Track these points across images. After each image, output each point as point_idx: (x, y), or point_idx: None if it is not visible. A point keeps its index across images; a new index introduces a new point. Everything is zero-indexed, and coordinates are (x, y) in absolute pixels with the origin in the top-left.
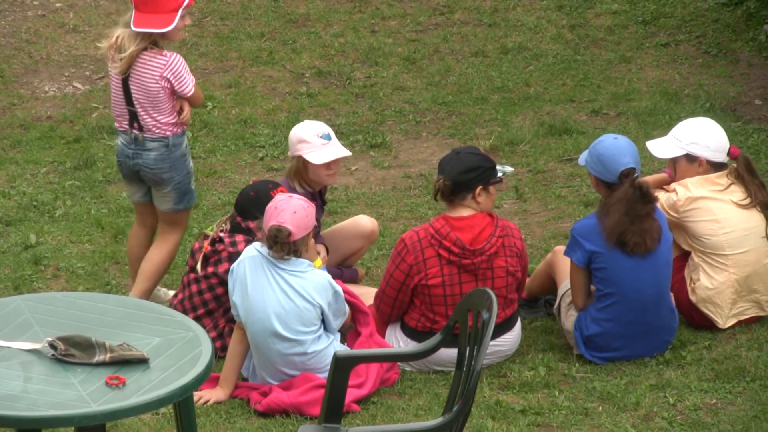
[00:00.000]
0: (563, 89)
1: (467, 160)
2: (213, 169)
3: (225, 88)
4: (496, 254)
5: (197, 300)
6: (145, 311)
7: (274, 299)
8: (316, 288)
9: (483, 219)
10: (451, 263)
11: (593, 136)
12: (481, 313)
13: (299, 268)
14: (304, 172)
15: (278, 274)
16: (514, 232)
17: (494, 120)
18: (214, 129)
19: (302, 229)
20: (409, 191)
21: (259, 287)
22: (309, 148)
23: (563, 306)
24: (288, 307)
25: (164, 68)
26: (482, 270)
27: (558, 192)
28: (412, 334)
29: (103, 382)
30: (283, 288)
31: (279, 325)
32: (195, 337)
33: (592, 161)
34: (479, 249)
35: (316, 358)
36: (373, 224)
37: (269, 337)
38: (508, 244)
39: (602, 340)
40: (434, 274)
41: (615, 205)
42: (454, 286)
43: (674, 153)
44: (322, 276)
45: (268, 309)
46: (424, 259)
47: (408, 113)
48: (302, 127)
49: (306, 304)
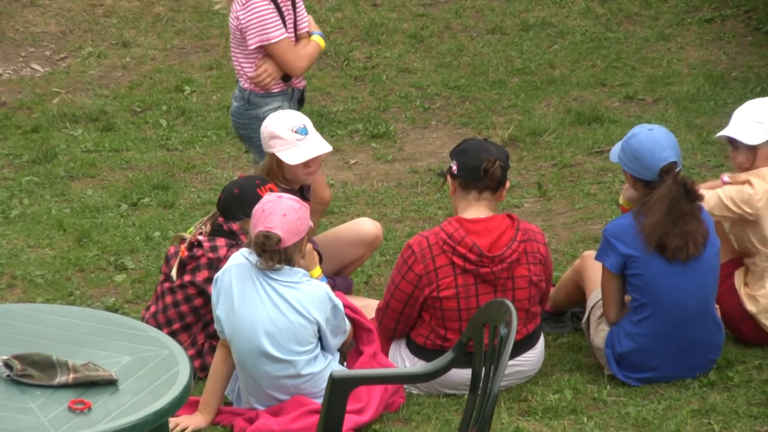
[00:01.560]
0: (593, 71)
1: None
2: (191, 162)
3: (205, 69)
4: (518, 261)
5: (172, 313)
6: (114, 326)
7: (264, 314)
8: (313, 301)
9: (502, 221)
10: (467, 272)
11: (627, 125)
12: (499, 328)
13: (293, 279)
14: (278, 170)
15: (269, 285)
16: (537, 236)
17: (513, 107)
18: (192, 117)
19: (294, 234)
20: (415, 188)
21: (247, 300)
22: (282, 145)
23: (593, 319)
24: (280, 323)
25: (242, 7)
26: (502, 280)
27: (587, 189)
28: (420, 352)
29: (66, 406)
30: (274, 301)
31: (269, 345)
32: (171, 355)
33: (626, 157)
34: (499, 255)
35: (311, 381)
36: (376, 229)
37: (258, 357)
38: (530, 249)
39: (637, 358)
40: (447, 285)
41: (656, 203)
42: (470, 298)
43: (762, 138)
44: (319, 287)
45: (258, 325)
46: (436, 268)
47: (415, 99)
48: (274, 120)
49: (301, 320)
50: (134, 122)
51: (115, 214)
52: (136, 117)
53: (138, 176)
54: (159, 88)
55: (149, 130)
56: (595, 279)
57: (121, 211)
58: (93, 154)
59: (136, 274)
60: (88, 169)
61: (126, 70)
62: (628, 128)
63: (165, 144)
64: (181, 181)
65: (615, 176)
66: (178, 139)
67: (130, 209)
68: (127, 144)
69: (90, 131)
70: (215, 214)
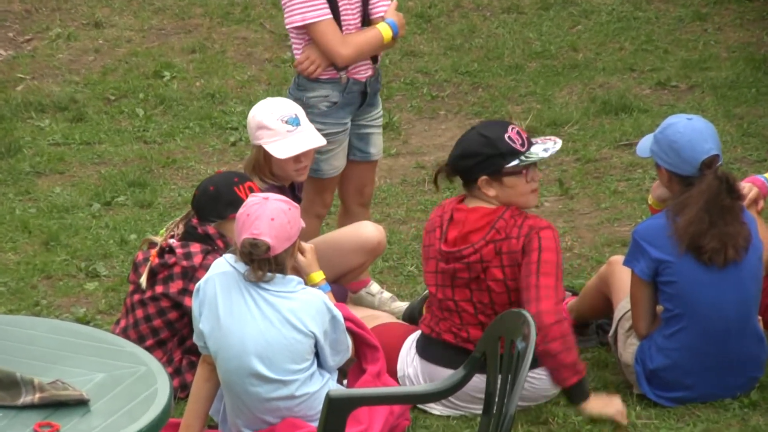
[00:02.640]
0: (620, 55)
1: (470, 141)
2: (171, 157)
3: (187, 53)
4: (485, 261)
5: (144, 328)
6: (85, 339)
7: (254, 329)
8: (309, 311)
9: (486, 215)
10: (439, 264)
11: (659, 114)
12: (516, 342)
13: (286, 288)
14: (265, 165)
15: (259, 295)
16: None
17: (532, 94)
18: (173, 106)
19: (284, 239)
20: (422, 185)
21: (235, 314)
22: (271, 136)
23: (621, 332)
24: (273, 339)
25: None
26: (473, 282)
27: (613, 186)
28: (425, 345)
29: (31, 429)
30: (266, 314)
31: (261, 364)
32: (149, 373)
33: (662, 150)
34: (456, 252)
35: (306, 402)
36: (379, 234)
37: (247, 377)
38: (506, 250)
39: (671, 375)
40: (429, 270)
41: (693, 199)
42: (446, 294)
43: None
44: (315, 296)
45: (248, 342)
46: (428, 245)
47: (421, 86)
48: (262, 108)
49: (296, 335)
50: (108, 112)
51: (86, 215)
52: (110, 106)
53: (112, 172)
54: (135, 74)
55: (124, 121)
56: (623, 287)
57: (92, 211)
58: (61, 148)
59: (110, 281)
60: (56, 164)
61: (98, 54)
62: (660, 118)
63: (142, 136)
64: (160, 178)
65: (645, 172)
66: (156, 131)
67: (102, 209)
68: (100, 136)
69: (58, 122)
70: (189, 214)
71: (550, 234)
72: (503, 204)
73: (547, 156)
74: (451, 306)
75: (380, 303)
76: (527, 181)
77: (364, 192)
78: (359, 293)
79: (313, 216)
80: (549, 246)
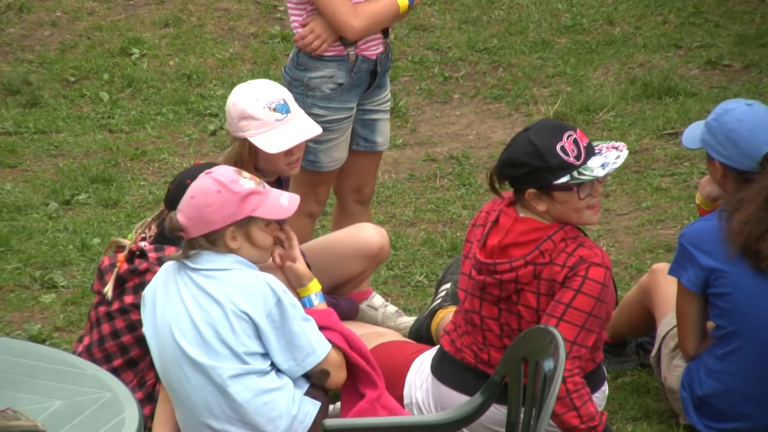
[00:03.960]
0: (663, 29)
1: (517, 147)
2: (141, 148)
3: (159, 27)
4: (521, 283)
5: (112, 345)
6: (41, 360)
7: (182, 312)
8: (241, 290)
9: (534, 230)
10: (473, 270)
11: (709, 98)
12: (541, 363)
13: (214, 265)
14: (250, 159)
15: (188, 277)
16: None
17: (561, 75)
18: (142, 89)
19: (200, 224)
20: (433, 181)
21: (168, 302)
22: (258, 128)
23: (665, 352)
24: (202, 319)
25: None
26: (497, 297)
27: (656, 183)
28: (440, 362)
29: None
30: (194, 294)
31: (191, 348)
32: (114, 399)
33: (716, 141)
34: (490, 264)
35: (256, 400)
36: (382, 238)
37: (181, 368)
38: (548, 277)
39: (723, 403)
40: (464, 271)
41: (751, 196)
42: (474, 305)
43: None
44: (255, 275)
45: (178, 327)
46: (468, 241)
47: (432, 65)
48: (244, 94)
49: (224, 314)
50: (67, 96)
51: (41, 216)
52: (69, 89)
53: (71, 166)
54: (99, 51)
55: (86, 106)
56: (667, 300)
57: (49, 211)
58: (13, 137)
59: (69, 293)
60: (7, 157)
61: (56, 28)
62: (710, 103)
63: (107, 124)
64: (128, 173)
65: (693, 166)
66: (123, 118)
67: (61, 209)
68: (58, 124)
69: (9, 107)
70: (163, 213)
71: (600, 274)
72: (556, 220)
73: (603, 175)
74: (476, 320)
75: (384, 318)
76: (580, 197)
77: (364, 189)
78: (360, 306)
79: (305, 214)
80: (591, 290)
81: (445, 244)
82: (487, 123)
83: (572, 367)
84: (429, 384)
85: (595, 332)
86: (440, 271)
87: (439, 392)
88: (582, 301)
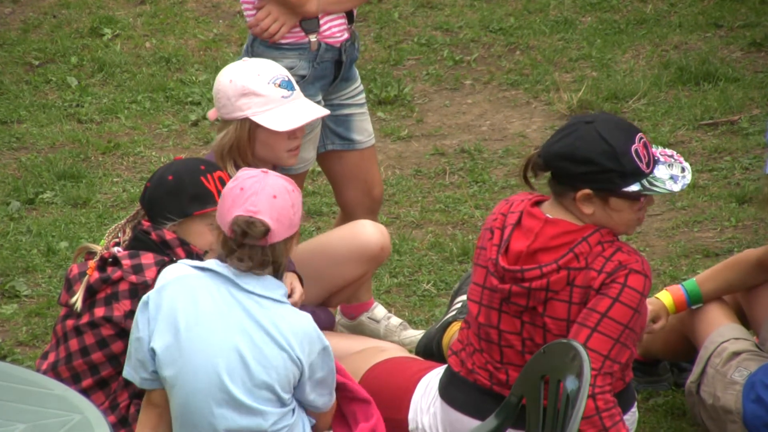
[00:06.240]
0: (701, 6)
1: (585, 141)
2: (114, 140)
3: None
4: (552, 291)
5: (80, 363)
6: (2, 379)
7: (228, 337)
8: (297, 333)
9: (567, 233)
10: (489, 278)
11: (754, 85)
12: (564, 383)
13: (272, 294)
14: (247, 145)
15: (233, 297)
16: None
17: (586, 58)
18: (115, 74)
19: (287, 226)
20: (442, 178)
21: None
22: (262, 105)
23: (712, 372)
24: (250, 352)
25: None
26: (522, 309)
27: (693, 179)
28: (449, 384)
29: None
30: (241, 322)
31: (232, 383)
32: (84, 422)
33: None
34: (517, 271)
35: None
36: (382, 237)
37: (214, 401)
38: (582, 283)
39: None
40: (476, 280)
41: None
42: (491, 318)
43: None
44: (305, 318)
45: (217, 355)
46: (481, 247)
47: (440, 47)
48: (242, 70)
49: (280, 354)
50: (30, 81)
51: (1, 216)
52: (33, 73)
53: (36, 160)
54: (66, 31)
55: (52, 93)
56: (712, 318)
57: (10, 211)
58: None
59: (33, 303)
60: None
61: (17, 5)
62: (755, 90)
63: (75, 113)
64: (99, 168)
65: (735, 160)
66: (94, 106)
67: (23, 208)
68: (20, 113)
69: None
70: (139, 214)
71: (640, 282)
72: (594, 224)
73: (678, 190)
74: (493, 336)
75: (387, 331)
76: (638, 208)
77: (373, 193)
78: (359, 319)
79: None
80: (630, 299)
81: (456, 248)
82: (503, 112)
83: (603, 384)
84: (437, 408)
85: (629, 348)
86: (449, 279)
87: (449, 418)
88: (619, 311)
